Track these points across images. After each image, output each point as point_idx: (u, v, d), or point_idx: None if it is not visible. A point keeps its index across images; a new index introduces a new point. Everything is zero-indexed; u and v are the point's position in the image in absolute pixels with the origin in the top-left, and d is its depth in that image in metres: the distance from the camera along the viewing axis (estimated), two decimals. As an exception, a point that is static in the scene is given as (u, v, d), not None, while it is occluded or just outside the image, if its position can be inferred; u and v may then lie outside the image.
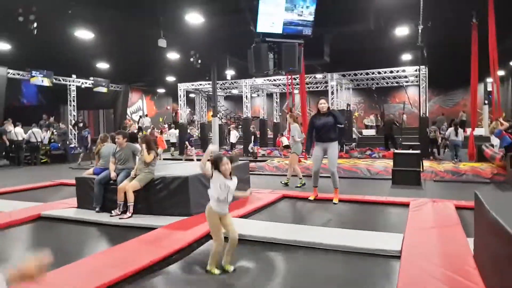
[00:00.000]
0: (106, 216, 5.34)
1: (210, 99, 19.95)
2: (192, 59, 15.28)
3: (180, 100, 20.01)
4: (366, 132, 22.19)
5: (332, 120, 6.05)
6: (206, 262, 3.33)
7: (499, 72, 11.07)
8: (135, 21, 11.57)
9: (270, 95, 23.94)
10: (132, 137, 6.37)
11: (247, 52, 7.61)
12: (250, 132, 16.27)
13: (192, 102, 26.88)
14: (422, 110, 13.41)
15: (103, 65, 18.02)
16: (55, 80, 17.51)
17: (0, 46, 13.51)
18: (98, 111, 24.49)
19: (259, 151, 15.88)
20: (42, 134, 15.24)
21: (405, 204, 5.79)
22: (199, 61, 15.41)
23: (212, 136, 16.49)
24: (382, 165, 9.90)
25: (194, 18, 11.11)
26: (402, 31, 12.78)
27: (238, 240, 3.31)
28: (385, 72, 17.56)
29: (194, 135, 19.39)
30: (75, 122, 19.09)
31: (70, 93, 18.90)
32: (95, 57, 16.46)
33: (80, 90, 19.30)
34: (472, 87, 10.69)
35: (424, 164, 9.13)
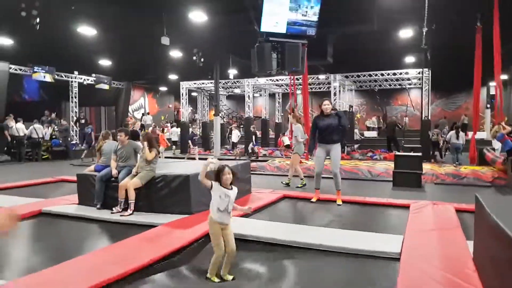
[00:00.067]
0: (107, 213, 5.35)
1: (212, 98, 19.92)
2: (195, 58, 15.29)
3: (182, 99, 19.98)
4: (368, 133, 22.19)
5: (336, 121, 6.01)
6: (206, 261, 3.33)
7: (502, 76, 11.04)
8: (139, 18, 11.57)
9: (272, 95, 23.90)
10: (133, 134, 6.37)
11: (250, 51, 7.59)
12: (251, 132, 16.27)
13: (194, 100, 26.86)
14: (424, 112, 13.39)
15: (105, 62, 18.03)
16: (57, 76, 17.48)
17: (3, 41, 13.53)
18: (100, 108, 24.47)
19: (260, 151, 15.88)
20: (44, 130, 15.23)
21: (405, 206, 5.80)
22: (202, 59, 15.42)
23: (214, 135, 16.47)
24: (383, 167, 9.89)
25: (198, 16, 11.13)
26: (406, 33, 12.78)
27: (239, 240, 3.30)
28: (388, 74, 17.55)
29: (198, 134, 19.38)
30: (76, 118, 19.11)
31: (72, 89, 18.88)
32: (98, 53, 16.47)
33: (82, 86, 19.27)
34: (474, 90, 10.70)
35: (425, 167, 9.11)
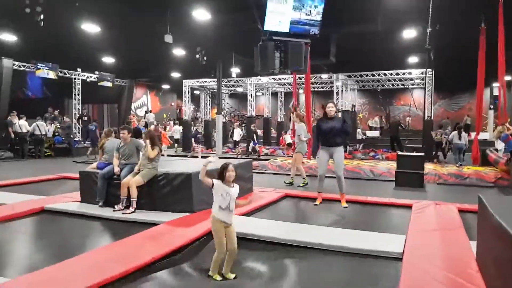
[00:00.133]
0: (109, 211, 5.36)
1: (215, 96, 19.95)
2: (198, 56, 15.26)
3: (185, 97, 19.99)
4: (370, 133, 22.14)
5: (339, 124, 5.87)
6: (208, 259, 3.33)
7: (506, 77, 10.99)
8: (142, 16, 11.56)
9: (274, 94, 23.91)
10: (136, 132, 6.38)
11: (253, 50, 7.58)
12: (251, 131, 16.26)
13: (197, 99, 26.90)
14: (427, 113, 13.36)
15: (108, 59, 18.04)
16: (60, 73, 17.54)
17: (6, 37, 13.54)
18: (103, 106, 24.54)
19: (262, 149, 15.87)
20: (47, 127, 15.28)
21: (408, 206, 5.79)
22: (205, 58, 15.39)
23: (216, 133, 16.47)
24: (385, 166, 9.88)
25: (201, 15, 11.12)
26: (409, 33, 12.73)
27: (240, 239, 3.30)
28: (391, 74, 17.51)
29: (201, 132, 19.38)
30: (79, 115, 19.15)
31: (75, 86, 18.94)
32: (101, 51, 16.48)
33: (85, 84, 19.33)
34: (478, 91, 10.66)
35: (428, 167, 9.09)
